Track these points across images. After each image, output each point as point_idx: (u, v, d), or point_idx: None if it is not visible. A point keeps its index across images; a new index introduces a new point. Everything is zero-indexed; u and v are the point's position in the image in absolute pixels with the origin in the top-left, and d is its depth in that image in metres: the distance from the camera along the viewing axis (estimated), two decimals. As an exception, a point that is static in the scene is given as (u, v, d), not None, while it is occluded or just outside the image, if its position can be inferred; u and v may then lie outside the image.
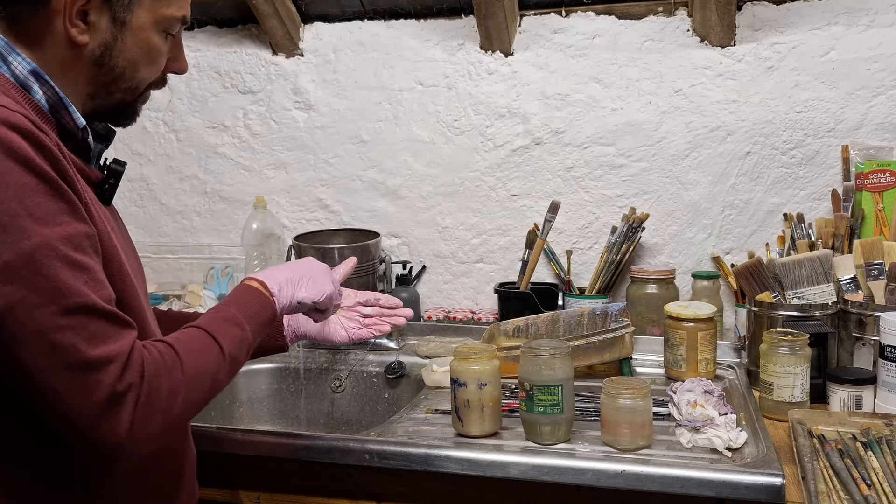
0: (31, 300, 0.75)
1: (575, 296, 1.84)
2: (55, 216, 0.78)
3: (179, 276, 2.17)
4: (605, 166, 1.90)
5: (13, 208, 0.75)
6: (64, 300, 0.77)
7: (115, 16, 0.90)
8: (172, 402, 0.84)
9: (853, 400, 1.32)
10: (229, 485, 1.29)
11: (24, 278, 0.75)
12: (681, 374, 1.48)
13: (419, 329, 1.83)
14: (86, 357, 0.77)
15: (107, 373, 0.78)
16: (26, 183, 0.77)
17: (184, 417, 0.88)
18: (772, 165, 1.81)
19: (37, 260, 0.76)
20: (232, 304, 1.01)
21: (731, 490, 1.06)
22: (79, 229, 0.81)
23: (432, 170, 2.01)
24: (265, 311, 1.04)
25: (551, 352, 1.20)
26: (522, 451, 1.18)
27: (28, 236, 0.76)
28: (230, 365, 0.94)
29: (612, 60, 1.88)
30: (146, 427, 0.82)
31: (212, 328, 0.94)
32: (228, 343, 0.94)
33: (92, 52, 0.90)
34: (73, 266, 0.79)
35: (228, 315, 0.98)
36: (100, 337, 0.79)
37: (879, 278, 1.48)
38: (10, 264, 0.75)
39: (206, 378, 0.90)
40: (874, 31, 1.74)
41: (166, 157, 2.17)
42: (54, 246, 0.77)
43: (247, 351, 0.99)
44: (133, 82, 0.96)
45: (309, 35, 2.05)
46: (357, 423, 1.71)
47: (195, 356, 0.89)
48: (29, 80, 0.87)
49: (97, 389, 0.78)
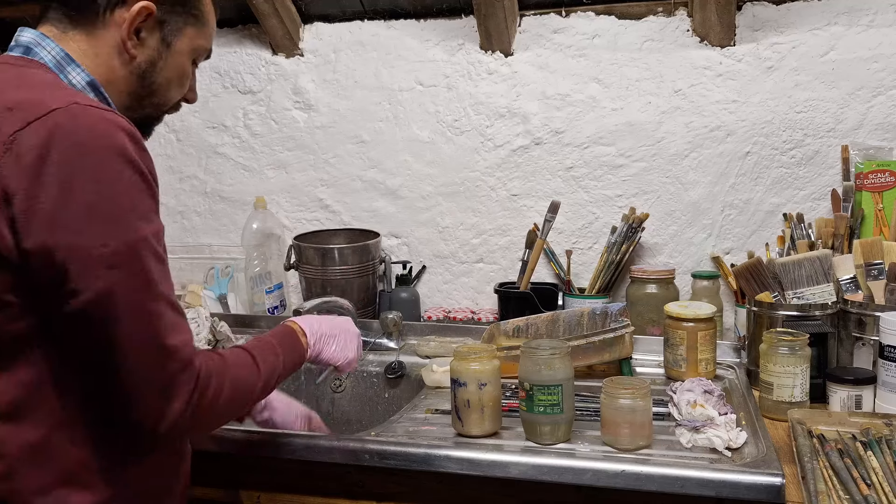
0: (130, 285, 0.85)
1: (575, 296, 1.84)
2: (150, 214, 0.89)
3: (179, 276, 2.17)
4: (605, 166, 1.90)
5: (123, 203, 0.85)
6: (153, 290, 0.87)
7: (164, 37, 1.01)
8: (216, 402, 0.93)
9: (853, 400, 1.32)
10: (229, 485, 1.29)
11: (126, 265, 0.85)
12: (681, 373, 1.48)
13: (419, 329, 1.83)
14: (163, 342, 0.87)
15: (175, 360, 0.88)
16: (133, 181, 0.86)
17: (219, 420, 0.99)
18: (772, 165, 1.82)
19: (137, 251, 0.86)
20: (275, 336, 1.13)
21: (730, 490, 1.06)
22: (160, 227, 0.91)
23: (432, 170, 2.01)
24: (298, 357, 1.17)
25: (551, 352, 1.20)
26: (522, 450, 1.18)
27: (134, 230, 0.86)
28: (262, 389, 1.05)
29: (612, 60, 1.88)
30: (194, 417, 0.90)
31: (255, 351, 1.05)
32: (266, 368, 1.05)
33: (139, 65, 1.00)
34: (159, 260, 0.89)
35: (271, 345, 1.09)
36: (174, 327, 0.89)
37: (879, 278, 1.48)
38: (117, 252, 0.84)
39: (245, 390, 1.00)
40: (874, 31, 1.74)
41: (166, 156, 2.17)
42: (149, 241, 0.87)
43: (276, 381, 1.08)
44: (163, 99, 1.05)
45: (309, 35, 2.05)
46: (357, 423, 1.71)
47: (240, 370, 1.00)
48: (86, 90, 0.96)
49: (164, 372, 0.87)
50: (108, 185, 0.84)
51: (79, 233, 0.82)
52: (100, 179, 0.84)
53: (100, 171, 0.84)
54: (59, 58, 0.95)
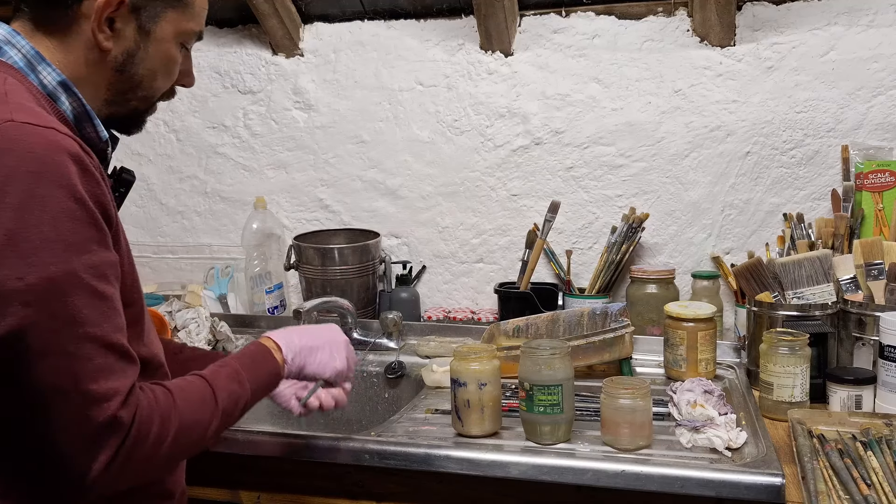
0: (46, 325, 0.76)
1: (575, 296, 1.84)
2: (86, 244, 0.79)
3: (179, 276, 2.17)
4: (605, 166, 1.90)
5: (46, 233, 0.76)
6: (77, 329, 0.78)
7: (141, 25, 0.93)
8: (156, 451, 0.84)
9: (853, 400, 1.32)
10: (229, 485, 1.29)
11: (43, 302, 0.76)
12: (681, 373, 1.48)
13: (419, 329, 1.83)
14: (86, 389, 0.78)
15: (101, 409, 0.79)
16: (65, 209, 0.78)
17: (165, 467, 0.90)
18: (772, 165, 1.82)
19: (59, 287, 0.77)
20: (240, 359, 1.02)
21: (730, 490, 1.06)
22: (104, 258, 0.82)
23: (432, 170, 2.01)
24: (272, 377, 1.06)
25: (551, 352, 1.20)
26: (522, 450, 1.18)
27: (55, 262, 0.77)
28: (221, 420, 0.94)
29: (612, 60, 1.88)
30: (121, 473, 0.81)
31: (213, 381, 0.94)
32: (225, 399, 0.94)
33: (115, 58, 0.92)
34: (94, 296, 0.79)
35: (232, 372, 0.98)
36: (104, 372, 0.79)
37: (879, 278, 1.48)
38: (33, 287, 0.75)
39: (195, 430, 0.90)
40: (874, 31, 1.74)
41: (166, 157, 2.17)
42: (79, 275, 0.78)
43: (242, 410, 0.98)
44: (149, 91, 0.98)
45: (309, 35, 2.05)
46: (357, 423, 1.71)
47: (190, 406, 0.89)
48: (57, 91, 0.89)
49: (87, 423, 0.78)
50: (31, 213, 0.76)
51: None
52: (22, 206, 0.75)
53: (24, 196, 0.76)
54: (29, 56, 0.88)
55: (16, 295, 0.75)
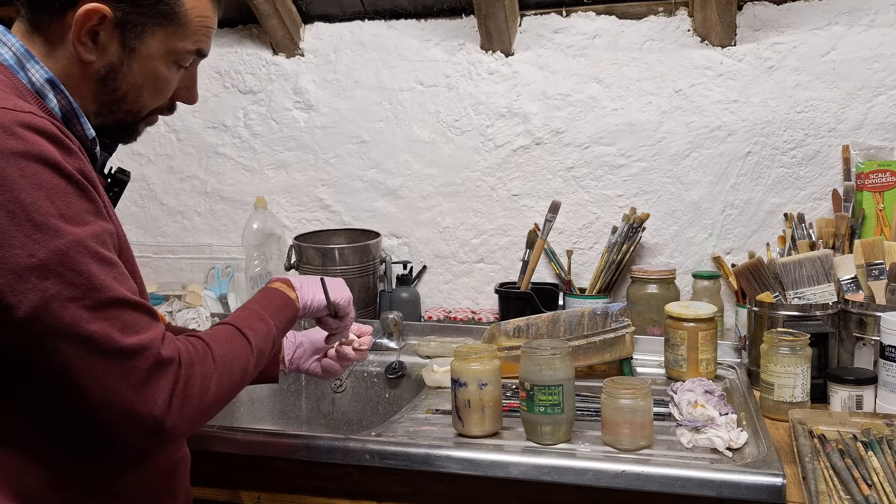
0: (67, 294, 0.79)
1: (575, 296, 1.84)
2: (83, 215, 0.82)
3: (180, 276, 2.17)
4: (606, 166, 1.90)
5: (45, 208, 0.79)
6: (97, 294, 0.80)
7: (125, 41, 0.92)
8: (206, 388, 0.88)
9: (854, 400, 1.32)
10: (229, 485, 1.29)
11: (59, 274, 0.79)
12: (681, 374, 1.48)
13: (419, 329, 1.83)
14: (121, 345, 0.81)
15: (142, 358, 0.82)
16: (55, 185, 0.80)
17: (217, 404, 0.91)
18: (772, 165, 1.81)
19: (70, 257, 0.79)
20: (256, 302, 1.07)
21: (731, 490, 1.06)
22: (104, 227, 0.85)
23: (433, 170, 2.01)
24: (288, 308, 1.10)
25: (552, 352, 1.20)
26: (523, 451, 1.18)
27: (61, 235, 0.79)
28: (257, 357, 0.98)
29: (612, 60, 1.88)
30: (183, 410, 0.85)
31: (238, 323, 0.99)
32: (255, 335, 0.99)
33: (97, 70, 0.93)
34: (103, 262, 0.82)
35: (253, 311, 1.03)
36: (132, 327, 0.82)
37: (880, 278, 1.48)
38: (46, 262, 0.78)
39: (236, 367, 0.94)
40: (875, 30, 1.74)
41: (166, 157, 2.17)
42: (85, 243, 0.81)
43: (272, 344, 1.03)
44: (135, 106, 0.98)
45: (309, 35, 2.05)
46: (357, 423, 1.71)
47: (225, 346, 0.94)
48: (45, 88, 0.90)
49: (133, 374, 0.81)
50: (26, 192, 0.78)
51: (0, 246, 0.77)
52: (14, 187, 0.77)
53: (14, 178, 0.78)
54: (19, 54, 0.89)
55: (31, 271, 0.77)
